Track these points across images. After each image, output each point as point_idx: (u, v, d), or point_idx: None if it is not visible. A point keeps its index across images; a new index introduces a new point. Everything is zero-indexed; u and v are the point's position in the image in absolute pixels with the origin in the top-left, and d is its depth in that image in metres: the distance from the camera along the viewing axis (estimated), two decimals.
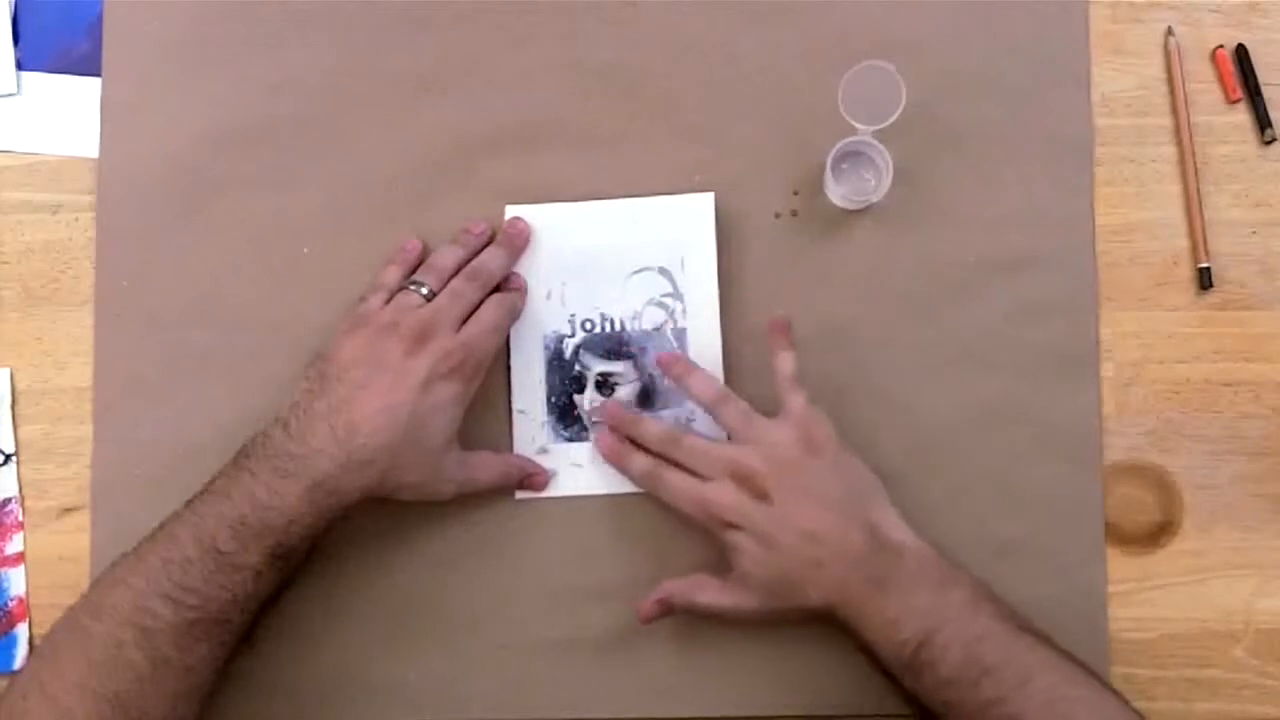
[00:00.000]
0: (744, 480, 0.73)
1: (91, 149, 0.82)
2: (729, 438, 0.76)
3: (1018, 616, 0.70)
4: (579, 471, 0.79)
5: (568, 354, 0.80)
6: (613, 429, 0.78)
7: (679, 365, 0.77)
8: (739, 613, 0.74)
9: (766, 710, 0.78)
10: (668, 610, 0.75)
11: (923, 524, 0.77)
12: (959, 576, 0.71)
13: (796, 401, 0.74)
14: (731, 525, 0.73)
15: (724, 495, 0.73)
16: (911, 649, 0.69)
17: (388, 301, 0.76)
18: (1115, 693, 0.68)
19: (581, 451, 0.79)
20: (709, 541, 0.76)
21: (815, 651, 0.77)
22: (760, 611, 0.73)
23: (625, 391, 0.79)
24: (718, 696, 0.78)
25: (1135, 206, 0.81)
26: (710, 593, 0.74)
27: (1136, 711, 0.68)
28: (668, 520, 0.78)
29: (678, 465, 0.75)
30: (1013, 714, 0.66)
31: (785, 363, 0.75)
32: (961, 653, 0.68)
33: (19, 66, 0.83)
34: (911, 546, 0.72)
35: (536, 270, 0.80)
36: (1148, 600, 0.79)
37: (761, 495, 0.72)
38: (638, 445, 0.77)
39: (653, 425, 0.77)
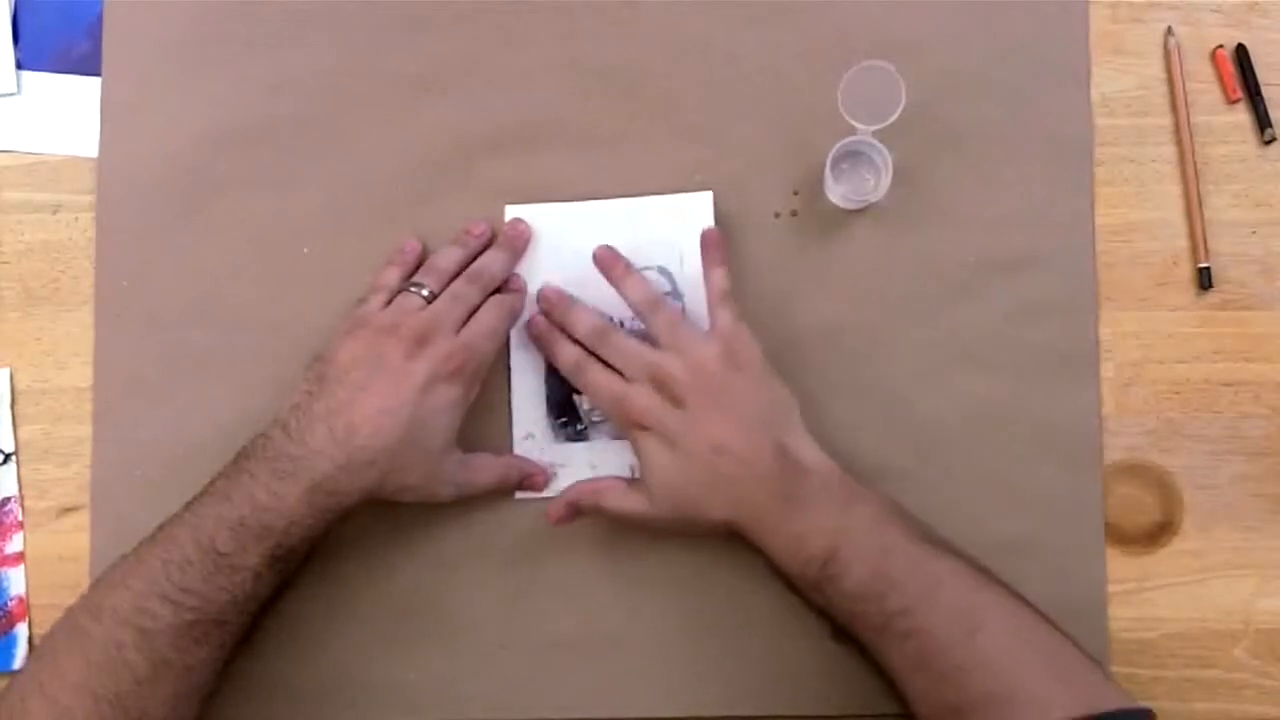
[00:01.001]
0: (662, 385, 0.73)
1: (91, 149, 0.82)
2: (656, 343, 0.76)
3: (926, 530, 0.71)
4: (579, 472, 0.79)
5: None
6: (545, 312, 0.78)
7: (616, 265, 0.78)
8: (645, 519, 0.74)
9: (765, 710, 0.78)
10: (575, 512, 0.76)
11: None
12: (866, 494, 0.72)
13: (725, 316, 0.75)
14: (644, 428, 0.73)
15: (641, 397, 0.74)
16: (818, 565, 0.69)
17: (388, 303, 0.76)
18: (1027, 602, 0.68)
19: (581, 452, 0.79)
20: (710, 539, 0.76)
21: (814, 651, 0.77)
22: (666, 521, 0.74)
23: None
24: (717, 696, 0.78)
25: (1135, 206, 0.81)
26: (617, 497, 0.75)
27: (1046, 618, 0.68)
28: None
29: (603, 362, 0.76)
30: (918, 626, 0.67)
31: (717, 278, 0.76)
32: (867, 567, 0.68)
33: (19, 66, 0.83)
34: (819, 465, 0.72)
35: (536, 270, 0.80)
36: (1148, 600, 0.79)
37: (677, 402, 0.73)
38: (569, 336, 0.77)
39: (584, 315, 0.77)
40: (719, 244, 0.77)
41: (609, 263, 0.78)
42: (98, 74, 0.83)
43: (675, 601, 0.78)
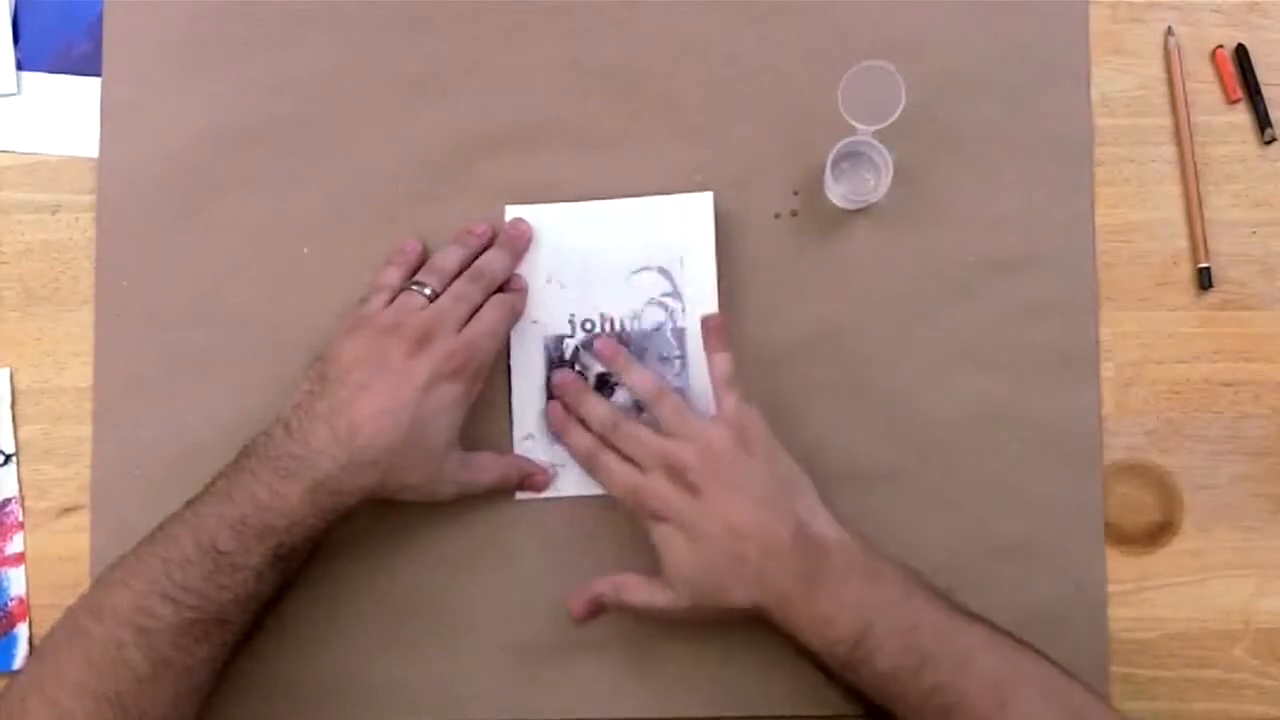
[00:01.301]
0: (675, 473, 0.73)
1: (91, 149, 0.82)
2: (666, 432, 0.75)
3: (950, 600, 0.70)
4: (579, 472, 0.79)
5: (568, 354, 0.80)
6: (559, 398, 0.78)
7: (618, 360, 0.78)
8: (670, 613, 0.74)
9: (766, 710, 0.78)
10: (600, 609, 0.76)
11: (922, 524, 0.77)
12: (888, 567, 0.71)
13: (731, 400, 0.74)
14: (660, 518, 0.73)
15: (655, 486, 0.73)
16: (848, 646, 0.68)
17: (389, 303, 0.76)
18: (1055, 664, 0.68)
19: None
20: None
21: None
22: (690, 611, 0.73)
23: (625, 392, 0.79)
24: (717, 696, 0.78)
25: (1135, 206, 0.81)
26: (640, 592, 0.75)
27: (1079, 680, 0.68)
28: None
29: (616, 451, 0.76)
30: (956, 700, 0.66)
31: (721, 363, 0.75)
32: (898, 643, 0.67)
33: (19, 66, 0.83)
34: (839, 541, 0.71)
35: (536, 270, 0.80)
36: (1148, 600, 0.79)
37: (691, 490, 0.72)
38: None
39: (597, 406, 0.77)
40: (720, 328, 0.76)
41: (610, 355, 0.78)
42: (98, 74, 0.83)
43: None
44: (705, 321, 0.77)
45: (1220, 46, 0.82)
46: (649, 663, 0.78)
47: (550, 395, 0.80)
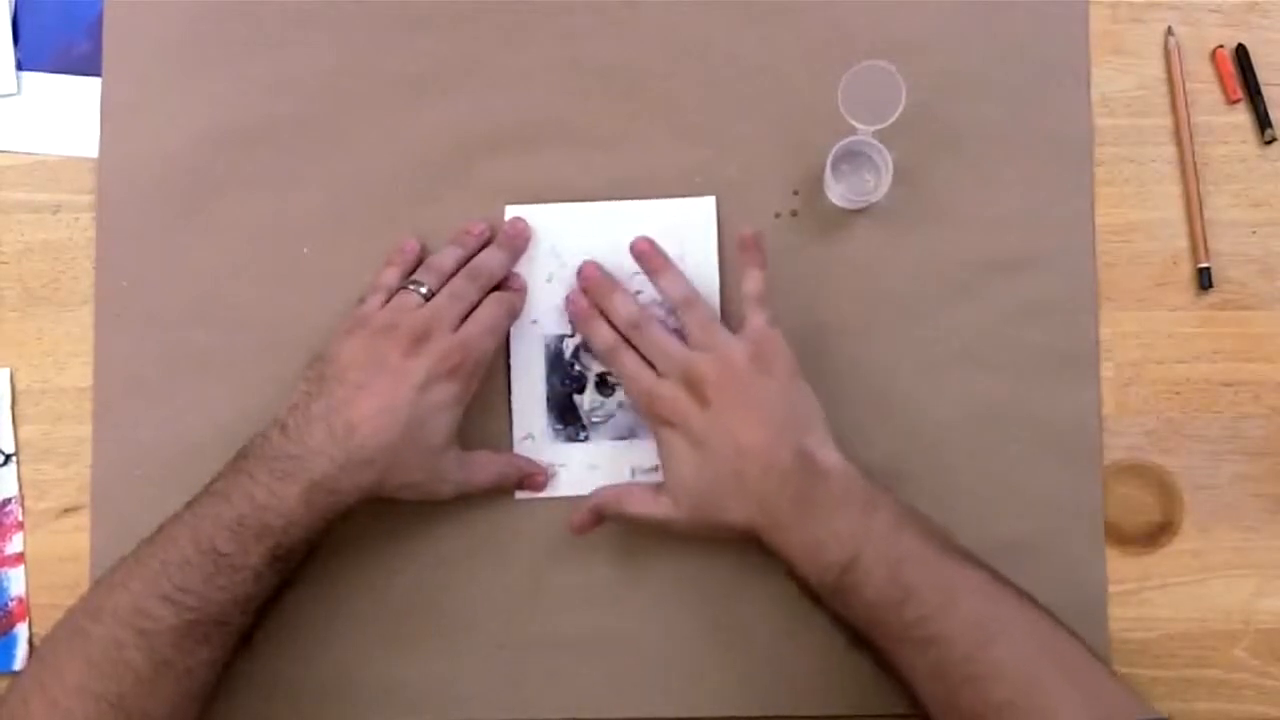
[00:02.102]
0: (691, 383, 0.73)
1: (91, 149, 0.82)
2: (689, 341, 0.76)
3: (945, 536, 0.70)
4: (578, 472, 0.79)
5: (568, 354, 0.80)
6: (585, 290, 0.78)
7: (656, 258, 0.78)
8: (667, 524, 0.74)
9: (766, 710, 0.78)
10: (599, 519, 0.76)
11: None
12: (886, 500, 0.71)
13: (758, 319, 0.74)
14: (669, 424, 0.73)
15: (668, 392, 0.74)
16: (836, 572, 0.69)
17: (386, 302, 0.76)
18: (1044, 610, 0.68)
19: (581, 452, 0.79)
20: (709, 543, 0.76)
21: (815, 651, 0.77)
22: (688, 523, 0.73)
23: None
24: (717, 696, 0.78)
25: (1135, 206, 0.81)
26: (641, 501, 0.75)
27: (1066, 627, 0.68)
28: None
29: (637, 351, 0.76)
30: (937, 634, 0.66)
31: (753, 280, 0.75)
32: (886, 574, 0.68)
33: (19, 66, 0.83)
34: (840, 471, 0.71)
35: (536, 270, 0.80)
36: (1148, 600, 0.79)
37: (704, 401, 0.72)
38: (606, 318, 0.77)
39: (624, 301, 0.77)
40: (756, 245, 0.76)
41: (648, 255, 0.78)
42: (98, 74, 0.83)
43: (676, 601, 0.78)
44: (741, 237, 0.76)
45: (1220, 46, 0.82)
46: (649, 663, 0.78)
47: (549, 395, 0.80)
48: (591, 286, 0.78)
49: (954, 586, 0.68)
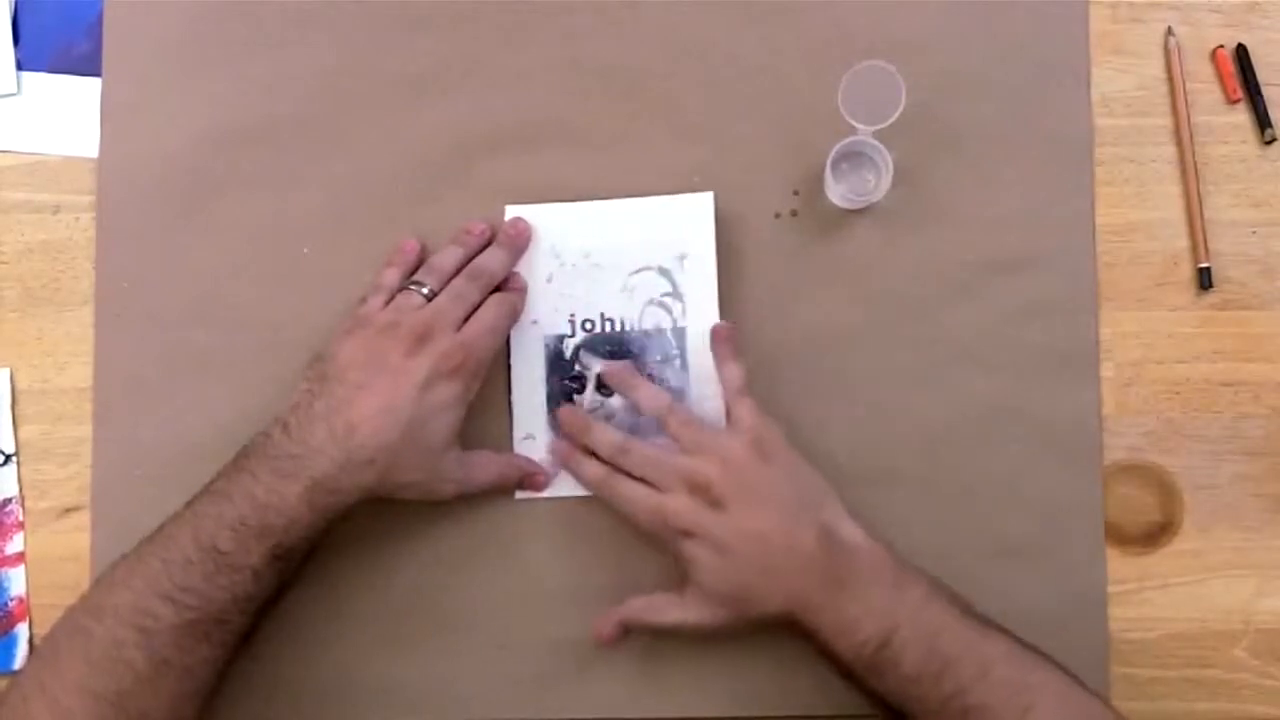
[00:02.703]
0: (699, 489, 0.73)
1: (91, 149, 0.82)
2: (681, 447, 0.75)
3: (971, 608, 0.70)
4: None
5: (568, 354, 0.80)
6: (565, 434, 0.78)
7: (627, 379, 0.78)
8: (701, 628, 0.74)
9: (767, 710, 0.78)
10: (625, 631, 0.76)
11: (923, 524, 0.77)
12: (911, 573, 0.71)
13: (746, 410, 0.74)
14: (687, 535, 0.73)
15: (678, 504, 0.73)
16: (872, 649, 0.69)
17: (387, 303, 0.76)
18: (1073, 677, 0.68)
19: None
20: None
21: (810, 651, 0.77)
22: (722, 623, 0.73)
23: None
24: (718, 696, 0.78)
25: (1135, 206, 0.81)
26: (670, 611, 0.74)
27: (1095, 694, 0.68)
28: None
29: (630, 475, 0.75)
30: (976, 705, 0.66)
31: (733, 373, 0.76)
32: (921, 649, 0.68)
33: (19, 66, 0.83)
34: (864, 546, 0.71)
35: (536, 270, 0.80)
36: (1148, 600, 0.79)
37: (716, 504, 0.72)
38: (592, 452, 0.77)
39: (604, 434, 0.77)
40: (729, 338, 0.77)
41: (619, 377, 0.78)
42: (98, 74, 0.83)
43: None
44: (714, 331, 0.77)
45: (1220, 46, 0.82)
46: (649, 663, 0.78)
47: (550, 395, 0.80)
48: (567, 428, 0.78)
49: (987, 655, 0.68)
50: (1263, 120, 0.81)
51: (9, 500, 0.80)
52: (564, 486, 0.79)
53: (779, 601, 0.71)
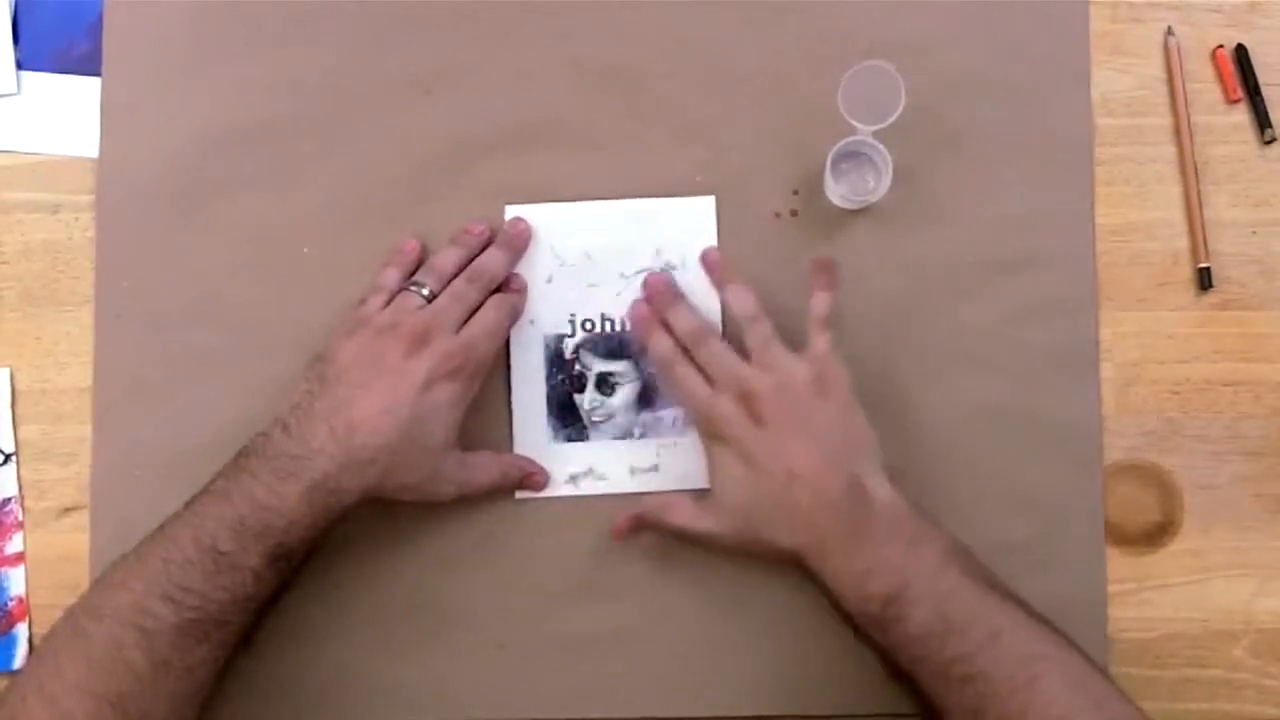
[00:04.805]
0: (748, 400, 0.73)
1: (91, 149, 0.82)
2: (750, 358, 0.75)
3: (988, 574, 0.70)
4: (579, 471, 0.79)
5: (568, 354, 0.80)
6: (648, 298, 0.78)
7: (724, 270, 0.78)
8: (710, 537, 0.74)
9: (766, 710, 0.78)
10: (640, 526, 0.76)
11: None
12: (932, 534, 0.71)
13: (821, 342, 0.74)
14: (722, 438, 0.73)
15: (724, 408, 0.73)
16: (880, 603, 0.69)
17: (387, 303, 0.76)
18: (1083, 653, 0.68)
19: (582, 452, 0.79)
20: (712, 551, 0.76)
21: (815, 651, 0.77)
22: (731, 540, 0.74)
23: (625, 391, 0.79)
24: (718, 696, 0.78)
25: (1135, 206, 0.81)
26: (685, 513, 0.75)
27: (1103, 671, 0.68)
28: None
29: (694, 364, 0.76)
30: (978, 672, 0.66)
31: (820, 303, 0.75)
32: (930, 609, 0.68)
33: (19, 66, 0.83)
34: (888, 501, 0.71)
35: (536, 270, 0.80)
36: (1148, 600, 0.79)
37: (759, 420, 0.72)
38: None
39: (685, 313, 0.77)
40: (827, 268, 0.76)
41: (718, 266, 0.79)
42: (98, 74, 0.83)
43: (677, 601, 0.78)
44: (816, 260, 0.77)
45: (1220, 46, 0.82)
46: (649, 663, 0.78)
47: (550, 395, 0.80)
48: (655, 296, 0.78)
49: (997, 624, 0.68)
50: (1263, 120, 0.81)
51: (9, 500, 0.80)
52: (564, 487, 0.79)
53: (792, 537, 0.71)
